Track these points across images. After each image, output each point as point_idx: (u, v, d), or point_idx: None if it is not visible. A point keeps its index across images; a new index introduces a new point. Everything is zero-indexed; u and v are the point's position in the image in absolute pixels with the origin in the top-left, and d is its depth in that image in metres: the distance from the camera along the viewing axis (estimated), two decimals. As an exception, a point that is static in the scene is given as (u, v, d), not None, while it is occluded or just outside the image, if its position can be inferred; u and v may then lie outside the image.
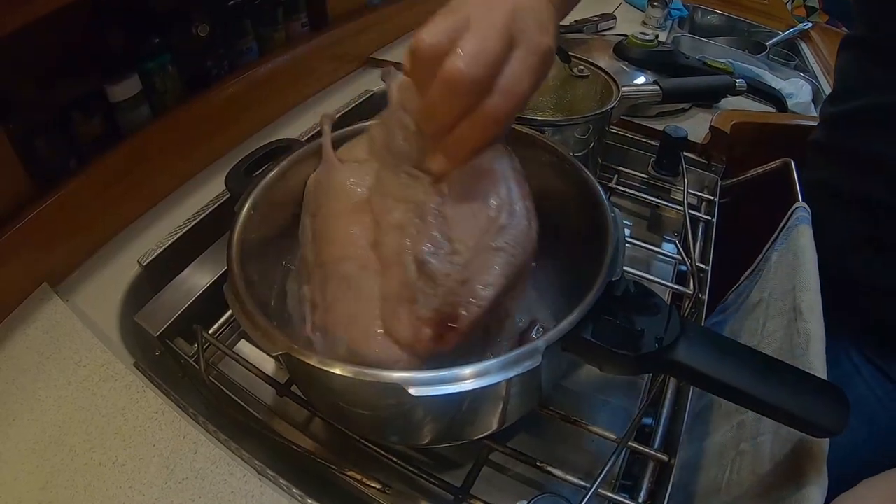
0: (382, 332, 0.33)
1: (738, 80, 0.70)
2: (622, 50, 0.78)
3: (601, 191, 0.38)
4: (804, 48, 1.15)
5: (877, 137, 0.53)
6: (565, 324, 0.29)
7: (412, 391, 0.25)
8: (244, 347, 0.50)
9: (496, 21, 0.29)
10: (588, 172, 0.40)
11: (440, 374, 0.26)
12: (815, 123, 0.65)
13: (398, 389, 0.25)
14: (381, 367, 0.26)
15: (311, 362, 0.27)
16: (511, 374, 0.26)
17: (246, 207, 0.38)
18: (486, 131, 0.30)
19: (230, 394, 0.44)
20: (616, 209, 0.37)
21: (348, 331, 0.34)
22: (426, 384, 0.26)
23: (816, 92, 0.95)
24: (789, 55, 1.11)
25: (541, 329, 0.39)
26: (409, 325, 0.32)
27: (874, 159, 0.53)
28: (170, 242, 0.51)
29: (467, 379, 0.26)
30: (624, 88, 0.57)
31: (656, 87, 0.64)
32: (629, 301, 0.34)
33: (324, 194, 0.39)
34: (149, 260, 0.49)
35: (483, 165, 0.33)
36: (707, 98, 0.73)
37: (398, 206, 0.35)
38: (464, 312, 0.31)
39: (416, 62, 0.30)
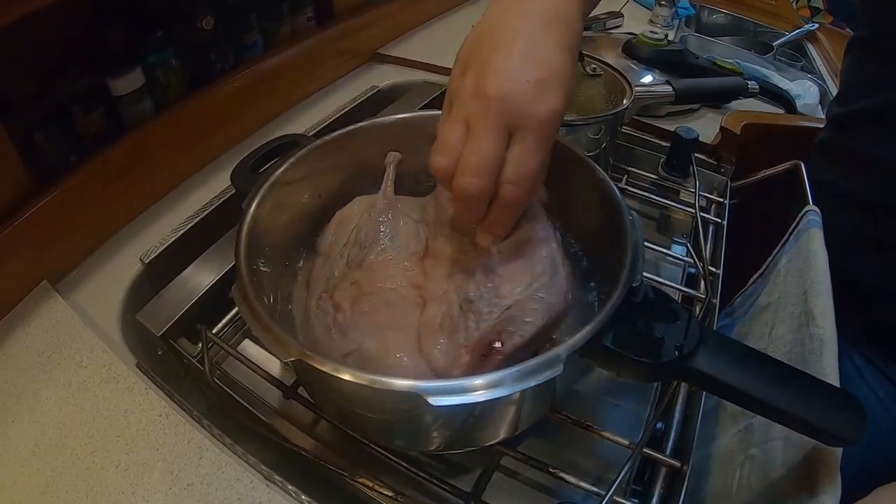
0: (416, 348, 0.34)
1: (750, 82, 0.70)
2: (631, 48, 0.77)
3: (618, 193, 0.37)
4: (811, 49, 1.14)
5: (879, 139, 0.53)
6: (586, 331, 0.29)
7: (431, 400, 0.24)
8: (248, 347, 0.49)
9: (490, 117, 0.30)
10: (604, 174, 0.39)
11: (461, 382, 0.25)
12: (823, 125, 0.65)
13: (417, 398, 0.24)
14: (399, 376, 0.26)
15: (326, 369, 0.26)
16: (532, 382, 0.26)
17: (254, 204, 0.37)
18: (511, 212, 0.33)
19: (235, 395, 0.43)
20: (634, 212, 0.36)
21: (380, 337, 0.34)
22: (445, 393, 0.25)
23: (823, 94, 0.94)
24: (796, 56, 1.10)
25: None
26: (446, 350, 0.33)
27: (876, 161, 0.53)
28: (172, 240, 0.50)
29: (485, 388, 0.26)
30: (637, 88, 0.56)
31: (669, 88, 0.63)
32: (648, 307, 0.33)
33: (384, 235, 0.42)
34: (151, 257, 0.48)
35: (531, 235, 0.37)
36: (719, 99, 0.73)
37: (447, 263, 0.39)
38: (507, 339, 0.33)
39: (438, 180, 0.33)
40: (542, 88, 0.30)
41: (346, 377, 0.26)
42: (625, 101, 0.54)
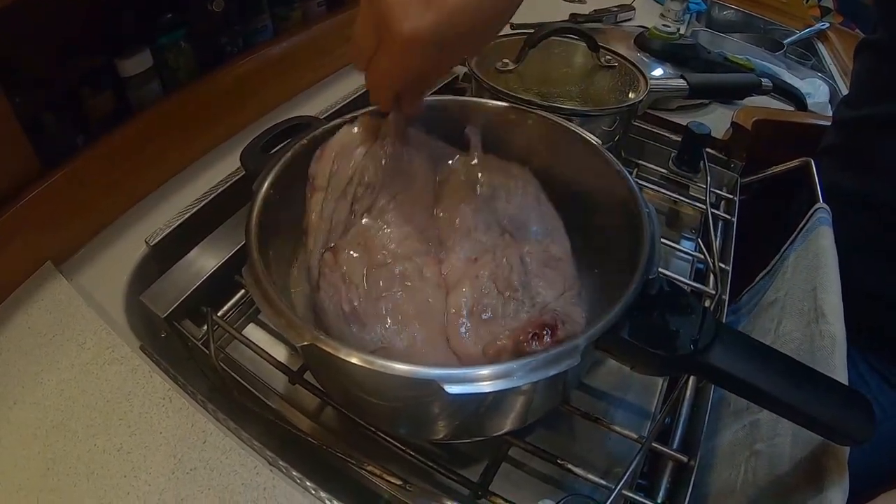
0: (445, 343, 0.33)
1: (763, 79, 0.69)
2: (643, 41, 0.76)
3: (635, 186, 0.37)
4: (821, 48, 1.13)
5: (887, 143, 0.53)
6: (604, 322, 0.28)
7: (447, 388, 0.24)
8: (253, 332, 0.48)
9: (364, 15, 0.30)
10: (621, 166, 0.39)
11: (481, 371, 0.25)
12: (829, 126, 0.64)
13: (434, 386, 0.24)
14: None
15: (340, 355, 0.25)
16: (551, 372, 0.25)
17: (265, 186, 0.36)
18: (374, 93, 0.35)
19: (239, 379, 0.43)
20: (650, 205, 0.36)
21: (405, 332, 0.33)
22: (461, 381, 0.24)
23: (834, 93, 0.93)
24: (806, 54, 1.10)
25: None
26: (481, 338, 0.32)
27: (888, 165, 0.53)
28: (178, 222, 0.49)
29: (502, 377, 0.25)
30: (651, 81, 0.55)
31: (683, 82, 0.62)
32: (663, 300, 0.32)
33: (400, 179, 0.38)
34: (156, 240, 0.47)
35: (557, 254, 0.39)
36: (732, 95, 0.72)
37: (465, 237, 0.38)
38: (561, 327, 0.32)
39: None
40: (418, 5, 0.28)
41: (361, 363, 0.25)
42: (640, 94, 0.53)
